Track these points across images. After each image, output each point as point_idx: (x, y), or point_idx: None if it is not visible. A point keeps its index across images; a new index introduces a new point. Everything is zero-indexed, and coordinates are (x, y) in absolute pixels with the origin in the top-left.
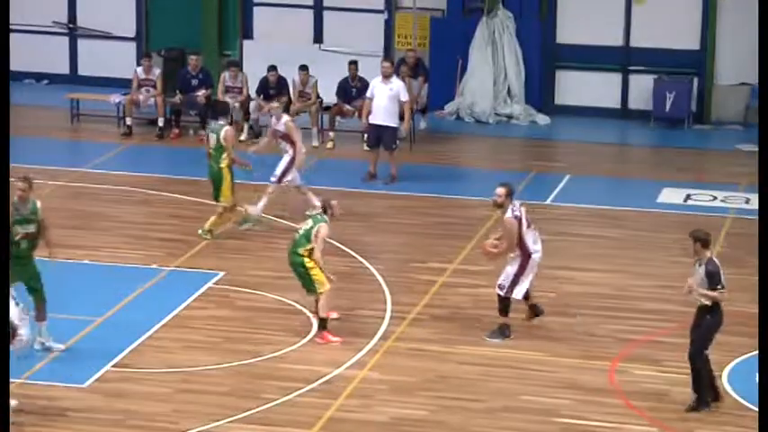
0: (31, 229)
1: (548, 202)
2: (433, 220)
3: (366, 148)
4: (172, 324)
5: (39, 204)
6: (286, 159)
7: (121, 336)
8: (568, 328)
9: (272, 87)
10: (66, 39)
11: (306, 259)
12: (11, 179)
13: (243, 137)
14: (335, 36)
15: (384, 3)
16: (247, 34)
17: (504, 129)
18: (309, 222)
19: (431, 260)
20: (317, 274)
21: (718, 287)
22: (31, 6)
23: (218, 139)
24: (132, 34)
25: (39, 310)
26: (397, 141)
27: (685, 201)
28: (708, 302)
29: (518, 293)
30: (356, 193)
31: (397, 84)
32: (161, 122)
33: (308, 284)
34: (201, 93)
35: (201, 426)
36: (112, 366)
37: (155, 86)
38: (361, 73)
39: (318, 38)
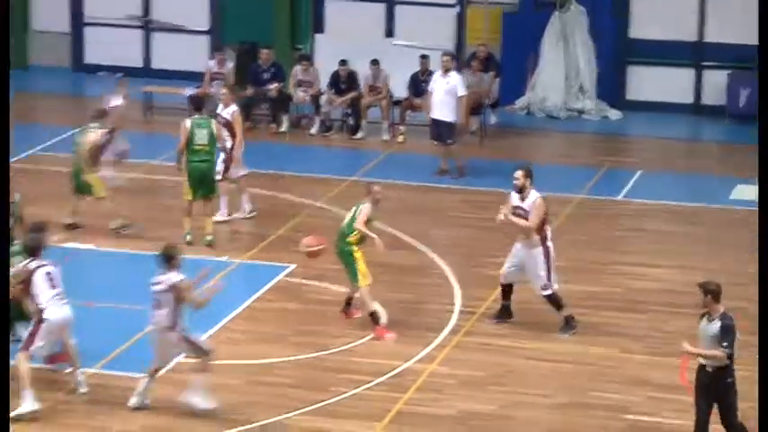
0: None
1: (619, 197)
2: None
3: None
4: (243, 316)
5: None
6: (223, 155)
7: (192, 327)
8: (638, 325)
9: (343, 81)
10: (141, 32)
11: (354, 248)
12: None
13: (313, 130)
14: (407, 30)
15: None
16: (319, 28)
17: (575, 124)
18: (353, 210)
19: (501, 255)
20: (362, 267)
21: (725, 344)
22: (107, 1)
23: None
24: (206, 28)
25: None
26: (455, 136)
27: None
28: (718, 363)
29: (555, 282)
30: (426, 187)
31: (454, 78)
32: None
33: (353, 275)
34: (273, 86)
35: (271, 417)
36: (184, 357)
37: (227, 80)
38: (432, 67)
39: (390, 32)
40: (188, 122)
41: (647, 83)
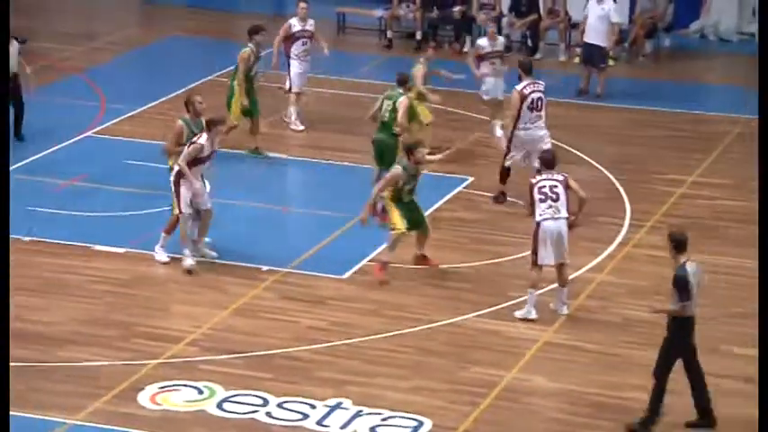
0: None
1: None
2: (674, 134)
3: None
4: None
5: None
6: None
7: (377, 232)
8: None
9: (524, 4)
10: None
11: (387, 200)
12: None
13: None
14: None
15: None
16: None
17: (748, 46)
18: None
19: (670, 172)
20: (394, 215)
21: (676, 298)
22: None
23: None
24: None
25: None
26: (606, 60)
27: None
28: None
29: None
30: (595, 106)
31: (608, 4)
32: (419, 36)
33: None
34: (457, 8)
35: (449, 318)
36: (369, 260)
37: (414, 2)
38: None
39: None
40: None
41: None
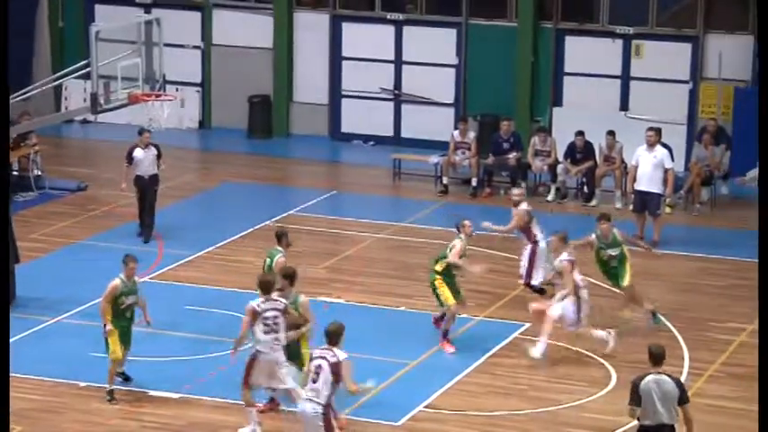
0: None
1: None
2: (732, 282)
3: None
4: (479, 370)
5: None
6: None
7: (433, 379)
8: None
9: (579, 151)
10: (392, 104)
11: (437, 277)
12: None
13: (550, 197)
14: (641, 104)
15: (689, 74)
16: (557, 102)
17: None
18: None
19: (728, 320)
20: (443, 292)
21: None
22: (362, 75)
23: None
24: (451, 100)
25: None
26: (661, 207)
27: None
28: None
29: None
30: (654, 253)
31: (660, 152)
32: (474, 182)
33: (438, 300)
34: (512, 155)
35: None
36: (424, 407)
37: (470, 149)
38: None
39: (624, 105)
40: None
41: None
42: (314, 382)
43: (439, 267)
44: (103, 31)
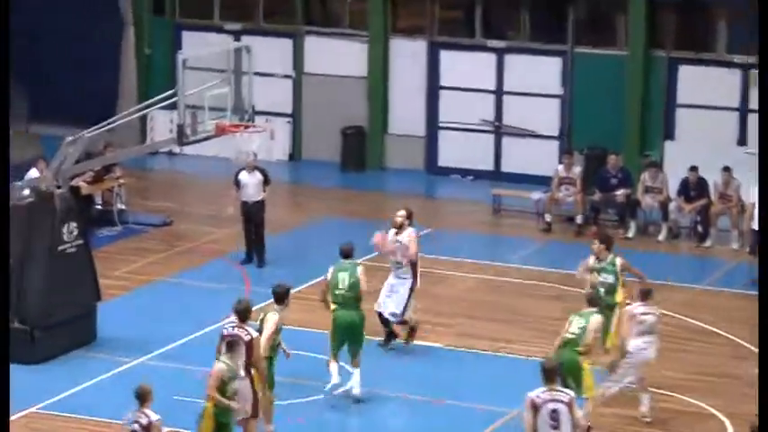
0: None
1: None
2: None
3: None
4: None
5: None
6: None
7: None
8: None
9: (693, 188)
10: (492, 136)
11: (582, 358)
12: None
13: (661, 237)
14: None
15: None
16: (669, 135)
17: None
18: (581, 320)
19: None
20: (588, 378)
21: None
22: (461, 105)
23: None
24: (555, 133)
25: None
26: None
27: None
28: None
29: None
30: None
31: None
32: (579, 220)
33: (578, 385)
34: (621, 192)
35: None
36: None
37: (574, 184)
38: None
39: (742, 140)
40: None
41: None
42: None
43: (583, 349)
44: (191, 59)
